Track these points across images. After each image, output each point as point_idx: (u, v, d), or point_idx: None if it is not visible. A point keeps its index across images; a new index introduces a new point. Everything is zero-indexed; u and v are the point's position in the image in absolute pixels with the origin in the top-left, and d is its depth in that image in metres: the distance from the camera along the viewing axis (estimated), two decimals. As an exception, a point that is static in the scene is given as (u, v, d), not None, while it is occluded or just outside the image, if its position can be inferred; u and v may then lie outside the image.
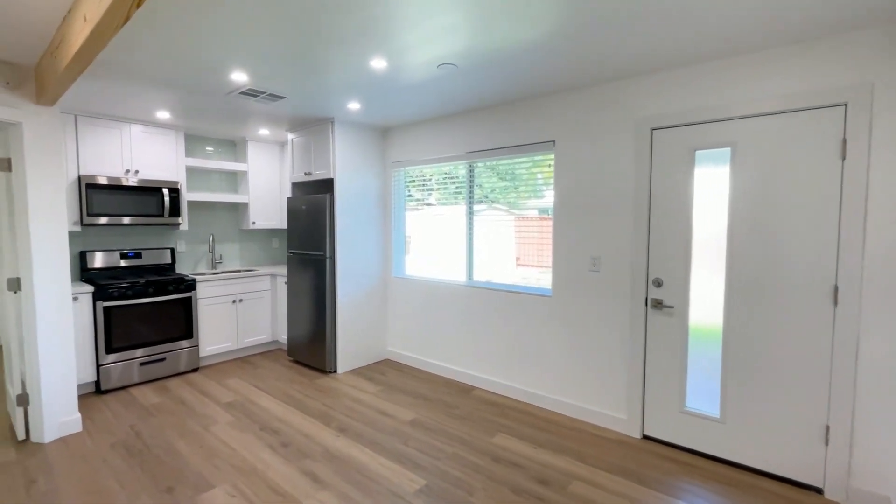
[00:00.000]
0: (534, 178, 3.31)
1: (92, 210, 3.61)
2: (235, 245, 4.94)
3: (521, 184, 3.39)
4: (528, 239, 3.41)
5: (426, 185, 4.06)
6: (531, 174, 3.33)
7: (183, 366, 3.97)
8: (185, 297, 3.97)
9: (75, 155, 3.58)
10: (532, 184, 3.33)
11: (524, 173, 3.37)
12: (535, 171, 3.30)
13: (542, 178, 3.26)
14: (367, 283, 4.21)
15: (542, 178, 3.26)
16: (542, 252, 3.32)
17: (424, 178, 4.06)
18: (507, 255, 3.54)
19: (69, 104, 3.36)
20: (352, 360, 4.11)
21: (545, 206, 3.25)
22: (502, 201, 3.51)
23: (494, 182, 3.57)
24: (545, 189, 3.24)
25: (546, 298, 3.22)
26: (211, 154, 4.68)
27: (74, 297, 3.39)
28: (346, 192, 3.97)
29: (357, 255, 4.10)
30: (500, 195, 3.54)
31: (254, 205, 4.74)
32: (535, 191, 3.31)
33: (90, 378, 3.49)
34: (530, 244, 3.40)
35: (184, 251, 4.53)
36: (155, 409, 3.24)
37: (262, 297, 4.55)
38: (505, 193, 3.49)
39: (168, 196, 4.01)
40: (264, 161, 4.81)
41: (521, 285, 3.43)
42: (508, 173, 3.46)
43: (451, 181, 3.85)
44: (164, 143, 4.06)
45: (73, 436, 2.83)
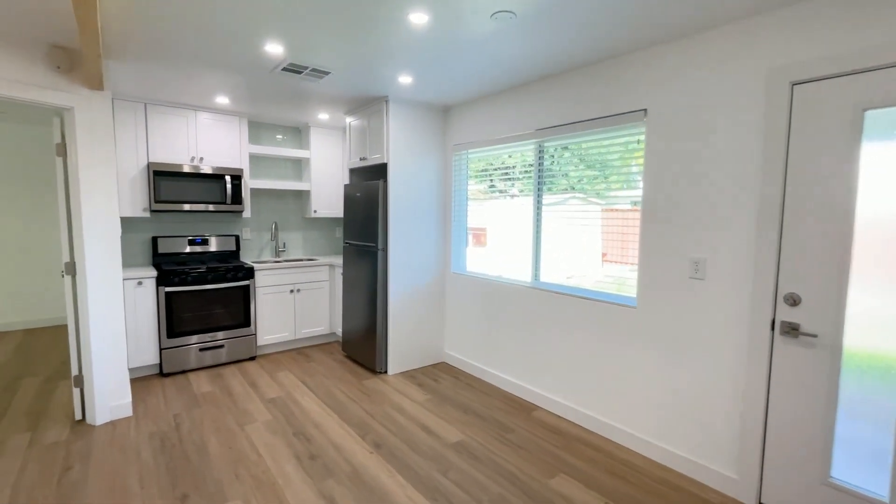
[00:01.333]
0: (626, 164, 2.65)
1: (159, 197, 3.68)
2: (299, 234, 4.88)
3: (611, 170, 2.74)
4: (616, 233, 2.77)
5: (490, 173, 3.56)
6: (623, 158, 2.67)
7: (240, 354, 3.96)
8: (244, 285, 3.94)
9: (145, 142, 3.66)
10: (620, 169, 2.67)
11: (611, 156, 2.71)
12: (622, 150, 2.63)
13: (634, 165, 2.59)
14: (423, 278, 3.84)
15: (634, 162, 2.58)
16: (627, 250, 2.67)
17: (489, 163, 3.56)
18: (589, 253, 2.92)
19: (134, 92, 3.42)
20: (404, 360, 3.79)
21: (637, 196, 2.58)
22: (588, 190, 2.89)
23: (570, 166, 2.96)
24: (637, 176, 2.57)
25: (629, 310, 2.56)
26: (275, 141, 4.63)
27: (139, 281, 3.48)
28: (400, 177, 3.61)
29: (412, 247, 3.74)
30: (585, 184, 2.92)
31: (316, 193, 4.61)
32: (627, 180, 2.64)
33: (154, 360, 3.58)
34: (616, 240, 2.76)
35: (249, 239, 4.55)
36: (203, 398, 3.20)
37: (320, 288, 4.42)
38: (592, 182, 2.87)
39: (231, 183, 3.99)
40: (326, 148, 4.65)
41: (598, 291, 2.80)
42: (593, 159, 2.83)
43: (518, 170, 3.30)
44: (228, 131, 4.05)
45: (122, 420, 2.85)
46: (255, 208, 4.57)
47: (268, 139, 4.58)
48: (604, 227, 2.80)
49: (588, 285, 2.87)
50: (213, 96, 3.56)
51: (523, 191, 3.27)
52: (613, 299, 2.67)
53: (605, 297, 2.73)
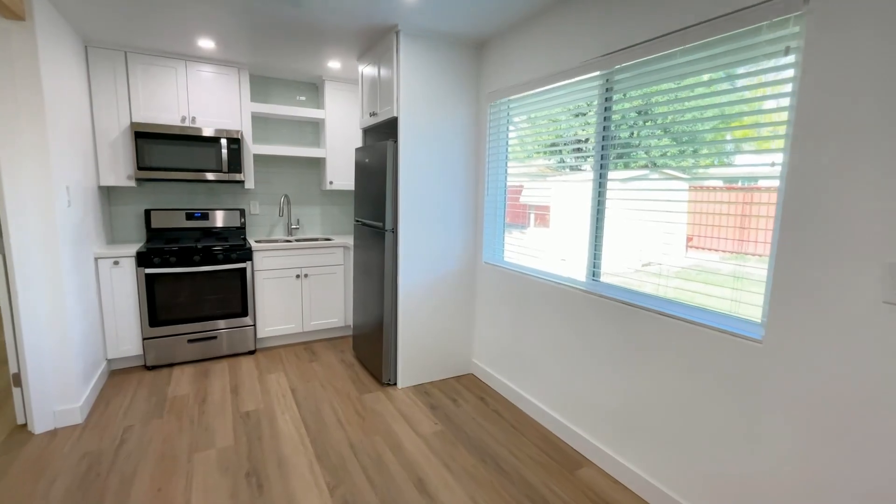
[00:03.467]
0: (728, 123, 1.58)
1: (144, 162, 3.16)
2: (315, 209, 4.23)
3: (710, 131, 1.68)
4: (706, 215, 1.72)
5: (538, 133, 2.58)
6: (724, 118, 1.60)
7: (237, 347, 3.42)
8: (239, 267, 3.36)
9: (126, 99, 3.13)
10: (720, 132, 1.60)
11: (711, 109, 1.65)
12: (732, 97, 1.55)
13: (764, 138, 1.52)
14: (445, 268, 3.00)
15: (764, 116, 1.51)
16: (722, 235, 1.62)
17: (534, 122, 2.58)
18: (672, 237, 1.90)
19: (105, 36, 2.86)
20: (417, 370, 3.01)
21: (735, 172, 1.52)
22: (672, 165, 1.86)
23: (649, 129, 1.92)
24: (744, 143, 1.49)
25: (748, 345, 1.54)
26: (288, 100, 3.96)
27: (115, 261, 3.00)
28: (415, 136, 2.76)
29: (430, 228, 2.90)
30: (669, 157, 1.89)
31: (332, 160, 3.90)
32: (730, 149, 1.58)
33: (136, 352, 3.14)
34: (706, 223, 1.71)
35: (257, 214, 3.98)
36: (172, 405, 2.66)
37: (333, 273, 3.74)
38: (677, 155, 1.83)
39: (227, 148, 3.38)
40: (343, 106, 3.89)
41: (691, 305, 1.78)
42: (684, 118, 1.78)
43: (574, 131, 2.29)
44: (225, 86, 3.42)
45: (65, 430, 2.38)
46: (264, 178, 3.97)
47: (279, 97, 3.91)
48: (692, 208, 1.77)
49: (672, 286, 1.86)
50: (194, 38, 2.91)
51: (583, 161, 2.27)
52: (719, 322, 1.65)
53: (704, 317, 1.71)
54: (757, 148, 1.54)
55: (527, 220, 2.78)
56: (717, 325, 1.63)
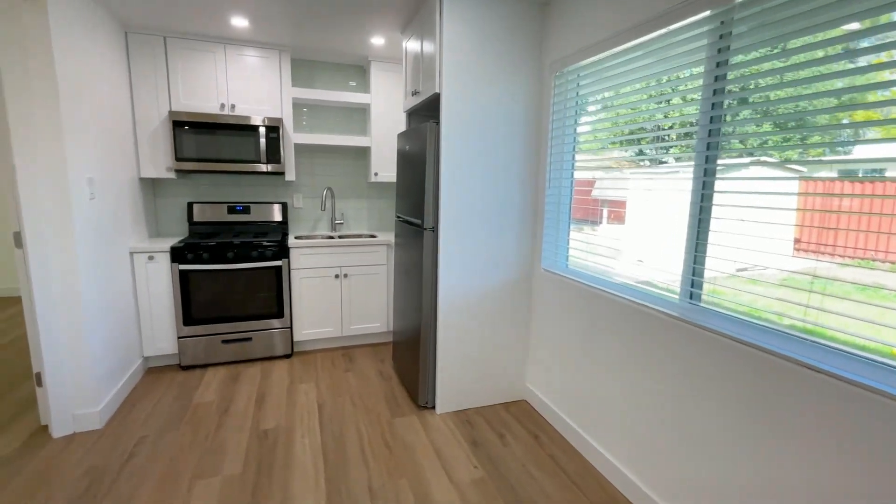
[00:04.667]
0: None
1: (181, 153, 3.02)
2: (362, 203, 3.92)
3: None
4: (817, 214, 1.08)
5: (615, 114, 2.00)
6: None
7: (273, 349, 3.21)
8: (274, 265, 3.12)
9: (166, 87, 3.00)
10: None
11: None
12: None
13: None
14: (495, 274, 2.51)
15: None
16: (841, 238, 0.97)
17: (617, 88, 1.99)
18: (776, 240, 1.28)
19: (141, 19, 2.71)
20: (460, 393, 2.57)
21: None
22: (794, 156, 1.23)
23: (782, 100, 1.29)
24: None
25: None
26: (334, 84, 3.67)
27: (150, 256, 2.88)
28: (460, 115, 2.29)
29: (477, 227, 2.43)
30: (796, 148, 1.26)
31: (377, 150, 3.56)
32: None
33: (172, 350, 3.02)
34: (819, 225, 1.07)
35: (300, 207, 3.75)
36: (194, 413, 2.47)
37: (375, 274, 3.41)
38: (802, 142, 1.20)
39: (265, 137, 3.15)
40: (390, 90, 3.52)
41: (860, 355, 1.15)
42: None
43: (667, 107, 1.70)
44: (265, 70, 3.19)
45: (82, 435, 2.24)
46: (308, 170, 3.72)
47: (324, 82, 3.63)
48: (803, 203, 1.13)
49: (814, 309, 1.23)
50: (227, 15, 2.67)
51: (681, 152, 1.67)
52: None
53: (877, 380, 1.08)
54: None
55: (598, 217, 2.21)
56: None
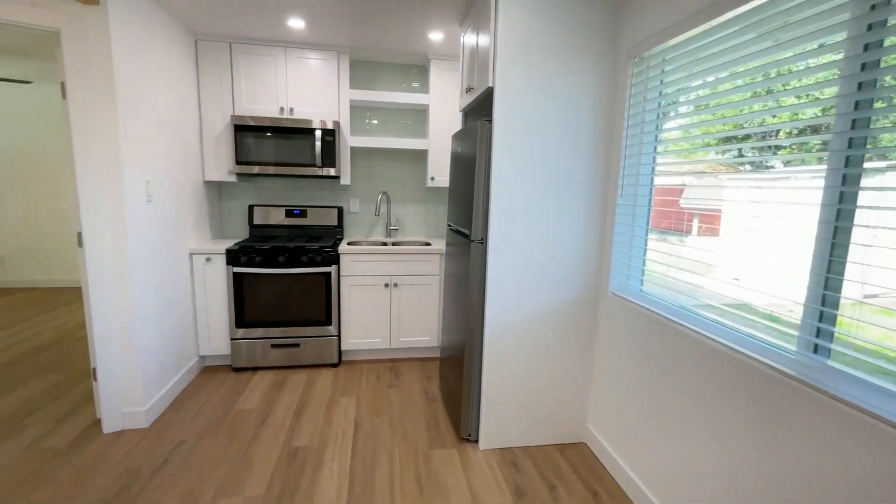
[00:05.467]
0: None
1: (241, 157, 3.06)
2: (418, 208, 3.75)
3: None
4: None
5: (709, 100, 1.59)
6: None
7: (320, 357, 3.13)
8: (324, 272, 3.04)
9: (230, 91, 3.05)
10: None
11: None
12: None
13: None
14: (553, 296, 2.17)
15: None
16: None
17: (713, 83, 1.58)
18: None
19: (206, 26, 2.76)
20: (507, 428, 2.26)
21: None
22: None
23: None
24: None
25: None
26: (394, 85, 3.54)
27: (208, 257, 2.94)
28: (515, 110, 2.00)
29: (532, 240, 2.11)
30: None
31: (434, 153, 3.37)
32: None
33: (225, 351, 3.05)
34: None
35: (356, 212, 3.67)
36: (232, 420, 2.43)
37: (426, 284, 3.21)
38: None
39: (321, 140, 3.10)
40: (449, 90, 3.31)
41: None
42: None
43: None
44: (323, 72, 3.14)
45: (129, 433, 2.28)
46: (364, 174, 3.63)
47: (384, 83, 3.52)
48: None
49: None
50: (284, 17, 2.63)
51: (798, 153, 1.25)
52: None
53: None
54: None
55: (684, 229, 1.79)
56: None
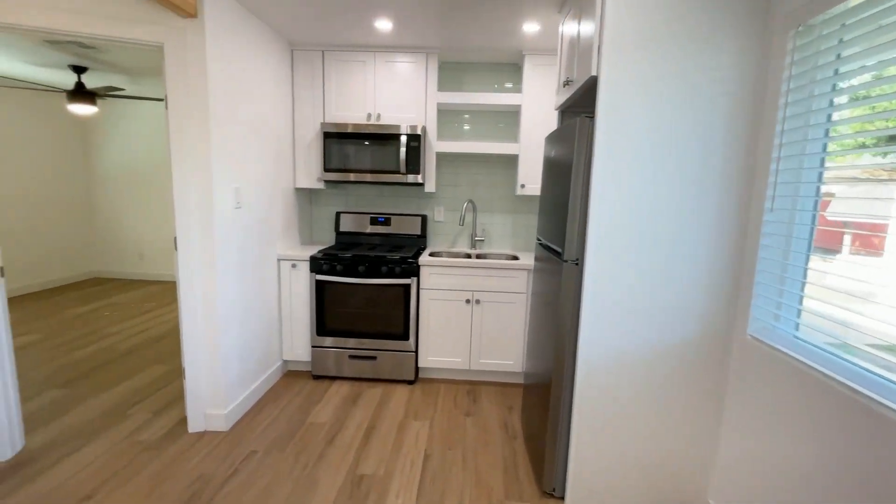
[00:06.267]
0: None
1: (330, 164, 3.05)
2: (506, 218, 3.46)
3: None
4: None
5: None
6: None
7: (396, 372, 3.00)
8: (403, 283, 2.90)
9: (321, 99, 3.07)
10: None
11: None
12: None
13: None
14: (666, 334, 1.74)
15: None
16: None
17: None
18: None
19: (301, 35, 2.79)
20: (602, 490, 1.86)
21: None
22: None
23: None
24: None
25: None
26: (486, 86, 3.31)
27: (293, 264, 2.96)
28: (623, 105, 1.62)
29: (641, 264, 1.70)
30: None
31: (525, 158, 3.06)
32: None
33: (307, 357, 3.06)
34: None
35: (441, 221, 3.49)
36: (303, 435, 2.37)
37: (511, 303, 2.91)
38: None
39: (405, 146, 2.97)
40: (545, 88, 2.98)
41: None
42: None
43: None
44: (410, 75, 3.02)
45: (210, 436, 2.33)
46: (450, 180, 3.44)
47: (474, 84, 3.30)
48: None
49: None
50: (371, 19, 2.55)
51: None
52: None
53: None
54: None
55: (840, 247, 1.28)
56: None
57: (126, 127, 5.53)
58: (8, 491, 1.87)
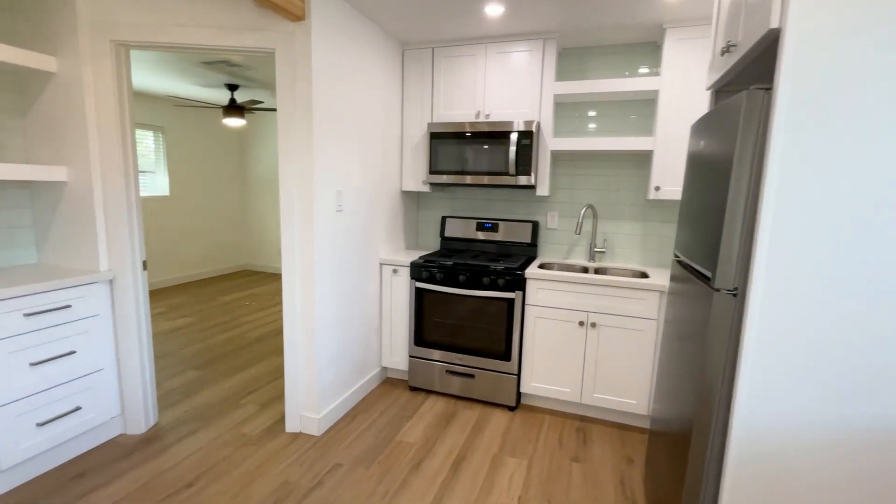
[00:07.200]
0: None
1: (434, 165, 2.90)
2: (635, 227, 2.92)
3: None
4: None
5: None
6: None
7: (495, 395, 2.71)
8: (506, 297, 2.60)
9: (430, 99, 2.94)
10: None
11: None
12: None
13: None
14: (886, 407, 1.14)
15: None
16: None
17: None
18: None
19: (414, 33, 2.68)
20: None
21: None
22: None
23: None
24: None
25: None
26: (601, 71, 2.83)
27: (394, 269, 2.87)
28: (824, 74, 1.09)
29: (846, 305, 1.14)
30: None
31: (662, 155, 2.52)
32: None
33: (404, 367, 2.95)
34: None
35: (554, 228, 3.10)
36: (390, 454, 2.22)
37: (638, 329, 2.40)
38: None
39: (515, 144, 2.67)
40: (691, 68, 2.40)
41: None
42: None
43: None
44: (523, 66, 2.71)
45: (302, 438, 2.32)
46: (567, 182, 3.03)
47: (597, 71, 2.85)
48: None
49: None
50: (482, 5, 2.31)
51: None
52: None
53: None
54: None
55: None
56: None
57: (271, 137, 6.21)
58: (134, 464, 2.06)
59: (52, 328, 1.95)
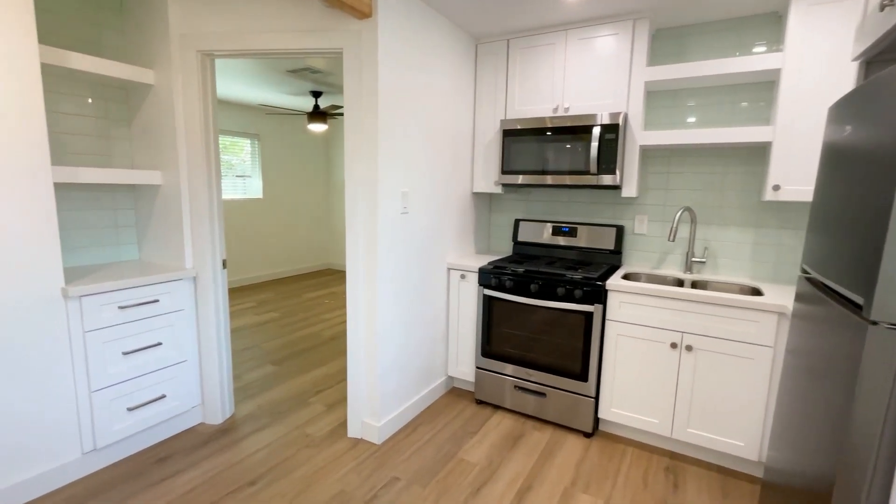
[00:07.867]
0: None
1: (507, 165, 2.72)
2: (744, 233, 2.47)
3: None
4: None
5: None
6: None
7: (569, 418, 2.44)
8: (584, 310, 2.33)
9: (504, 94, 2.76)
10: None
11: None
12: None
13: None
14: None
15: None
16: None
17: None
18: None
19: (488, 25, 2.53)
20: None
21: None
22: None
23: None
24: None
25: None
26: (704, 52, 2.42)
27: (462, 274, 2.74)
28: None
29: None
30: None
31: (782, 147, 2.08)
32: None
33: (470, 377, 2.80)
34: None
35: (642, 234, 2.74)
36: (450, 472, 2.08)
37: (747, 357, 2.00)
38: None
39: (598, 139, 2.40)
40: (824, 40, 1.94)
41: None
42: None
43: None
44: (609, 51, 2.42)
45: (362, 445, 2.27)
46: (658, 182, 2.66)
47: (699, 52, 2.46)
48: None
49: None
50: (559, -12, 2.09)
51: None
52: None
53: None
54: None
55: None
56: None
57: (354, 142, 6.43)
58: (209, 454, 2.16)
59: (142, 320, 2.10)
